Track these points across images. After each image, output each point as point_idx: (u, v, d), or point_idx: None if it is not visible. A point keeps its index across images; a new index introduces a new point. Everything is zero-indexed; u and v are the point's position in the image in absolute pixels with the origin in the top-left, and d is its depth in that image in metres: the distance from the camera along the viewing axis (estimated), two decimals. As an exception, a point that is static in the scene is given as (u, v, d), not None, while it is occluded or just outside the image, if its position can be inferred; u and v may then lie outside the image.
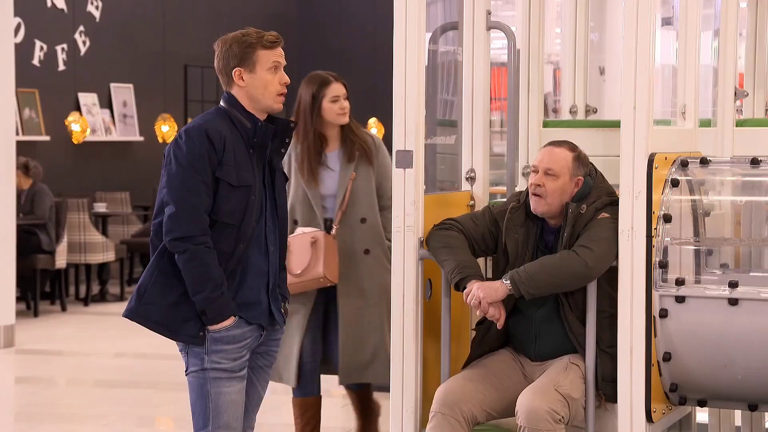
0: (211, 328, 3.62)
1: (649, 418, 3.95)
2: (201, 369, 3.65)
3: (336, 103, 4.97)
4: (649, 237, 3.91)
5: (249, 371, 3.76)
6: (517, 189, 4.60)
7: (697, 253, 4.21)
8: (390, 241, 4.63)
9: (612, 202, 4.04)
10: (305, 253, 4.86)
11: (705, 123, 4.79)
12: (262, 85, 3.69)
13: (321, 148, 4.99)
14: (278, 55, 3.72)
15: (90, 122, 12.09)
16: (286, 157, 4.48)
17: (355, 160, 4.96)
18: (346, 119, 5.00)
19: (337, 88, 4.99)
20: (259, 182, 3.70)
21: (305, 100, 4.98)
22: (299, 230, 4.96)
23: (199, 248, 3.57)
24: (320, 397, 5.11)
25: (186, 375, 3.70)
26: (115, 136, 12.65)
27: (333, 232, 4.93)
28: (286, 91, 3.75)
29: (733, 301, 3.89)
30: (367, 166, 4.99)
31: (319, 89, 4.98)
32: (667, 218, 3.96)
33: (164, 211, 3.63)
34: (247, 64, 3.68)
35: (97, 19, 12.46)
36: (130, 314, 3.69)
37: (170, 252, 3.62)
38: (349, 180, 4.94)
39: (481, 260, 4.30)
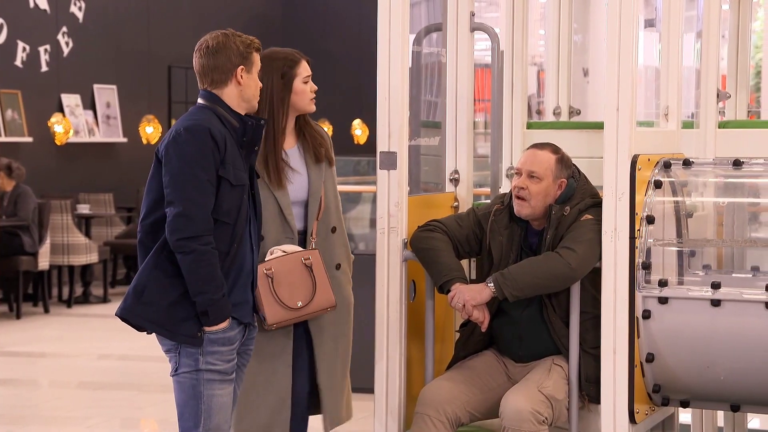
0: (209, 329, 3.59)
1: (632, 418, 3.96)
2: (195, 370, 3.61)
3: (308, 85, 4.12)
4: (632, 238, 3.92)
5: None
6: (501, 191, 4.61)
7: (679, 254, 4.22)
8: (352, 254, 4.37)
9: (595, 204, 4.05)
10: (304, 280, 4.03)
11: (688, 124, 4.81)
12: (255, 85, 3.71)
13: (283, 142, 4.14)
14: (260, 60, 3.75)
15: (73, 123, 12.05)
16: None
17: (323, 161, 4.17)
18: (314, 106, 4.17)
19: (306, 67, 4.14)
20: (247, 181, 3.70)
21: (270, 82, 4.06)
22: (276, 250, 4.04)
23: (205, 249, 3.54)
24: None
25: (174, 376, 3.66)
26: (99, 138, 12.61)
27: (313, 246, 4.12)
28: None
29: (716, 302, 3.91)
30: (329, 167, 4.21)
31: (288, 68, 4.10)
32: (650, 219, 3.98)
33: (161, 211, 3.57)
34: (247, 63, 3.68)
35: (80, 20, 12.42)
36: (125, 313, 3.63)
37: (168, 250, 3.57)
38: (322, 182, 4.15)
39: (465, 262, 4.31)
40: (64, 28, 12.22)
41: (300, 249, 4.07)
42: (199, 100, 3.72)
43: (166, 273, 3.59)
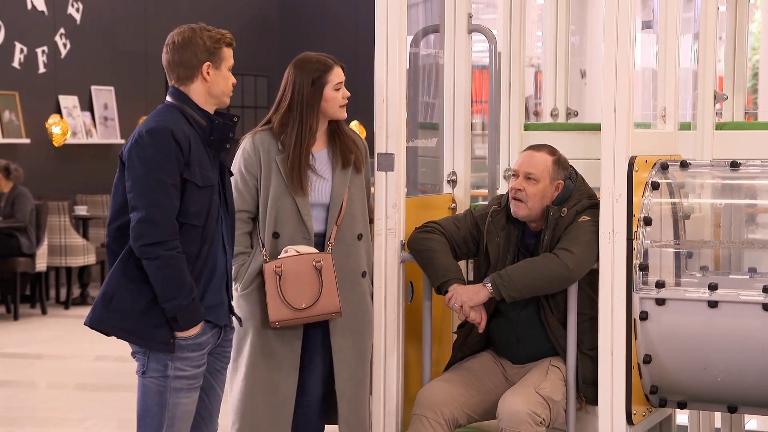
0: (181, 335, 3.53)
1: (629, 420, 3.96)
2: (163, 376, 3.54)
3: (339, 92, 4.15)
4: (630, 240, 3.93)
5: (208, 376, 3.69)
6: (499, 192, 4.62)
7: (677, 255, 4.22)
8: None
9: (592, 205, 4.05)
10: (311, 282, 4.04)
11: (685, 126, 4.81)
12: (223, 81, 3.63)
13: (311, 147, 4.16)
14: (232, 55, 3.68)
15: (71, 125, 12.04)
16: (253, 155, 4.07)
17: (350, 167, 4.18)
18: (345, 113, 4.20)
19: (340, 74, 4.17)
20: (217, 180, 3.63)
21: (301, 87, 4.10)
22: (290, 249, 4.08)
23: (171, 254, 3.47)
24: None
25: (141, 376, 3.58)
26: (96, 139, 12.61)
27: (330, 250, 4.12)
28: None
29: (713, 304, 3.91)
30: (358, 174, 4.21)
31: (320, 74, 4.13)
32: (648, 221, 3.98)
33: (126, 215, 3.52)
34: (215, 59, 3.61)
35: (78, 22, 12.42)
36: (94, 322, 3.56)
37: (135, 257, 3.50)
38: (346, 188, 4.15)
39: (462, 263, 4.31)
40: (62, 30, 12.22)
41: (314, 251, 4.08)
42: (167, 98, 3.65)
43: (134, 280, 3.52)
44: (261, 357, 4.10)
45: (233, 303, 4.08)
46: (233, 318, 3.76)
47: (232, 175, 3.81)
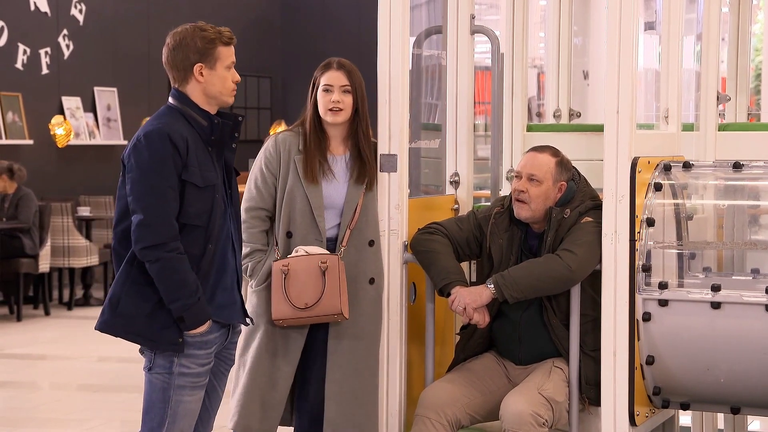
0: (188, 333, 3.55)
1: (632, 421, 3.96)
2: (168, 372, 3.57)
3: (327, 94, 4.12)
4: (633, 241, 3.93)
5: (212, 377, 3.69)
6: (501, 193, 4.62)
7: (680, 256, 4.22)
8: None
9: (595, 206, 4.05)
10: (315, 282, 4.02)
11: (688, 127, 4.81)
12: (220, 81, 3.60)
13: (324, 146, 4.17)
14: (233, 53, 3.65)
15: (74, 126, 12.05)
16: (273, 153, 4.14)
17: (364, 182, 4.14)
18: (337, 118, 4.10)
19: (332, 76, 4.12)
20: (220, 180, 3.62)
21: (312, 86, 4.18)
22: (300, 249, 4.08)
23: (171, 255, 3.48)
24: None
25: (147, 372, 3.61)
26: (99, 140, 12.62)
27: (340, 254, 4.10)
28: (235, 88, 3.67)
29: (716, 305, 3.91)
30: (370, 190, 4.17)
31: (318, 74, 4.18)
32: (651, 222, 3.98)
33: (130, 218, 3.54)
34: (208, 60, 3.58)
35: (81, 23, 12.43)
36: (104, 326, 3.60)
37: (140, 260, 3.52)
38: (361, 194, 4.13)
39: (465, 264, 4.31)
40: (65, 31, 12.23)
41: (324, 252, 4.08)
42: (169, 99, 3.65)
43: (139, 283, 3.53)
44: (266, 354, 4.12)
45: (245, 299, 4.08)
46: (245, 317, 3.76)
47: (238, 174, 3.81)
